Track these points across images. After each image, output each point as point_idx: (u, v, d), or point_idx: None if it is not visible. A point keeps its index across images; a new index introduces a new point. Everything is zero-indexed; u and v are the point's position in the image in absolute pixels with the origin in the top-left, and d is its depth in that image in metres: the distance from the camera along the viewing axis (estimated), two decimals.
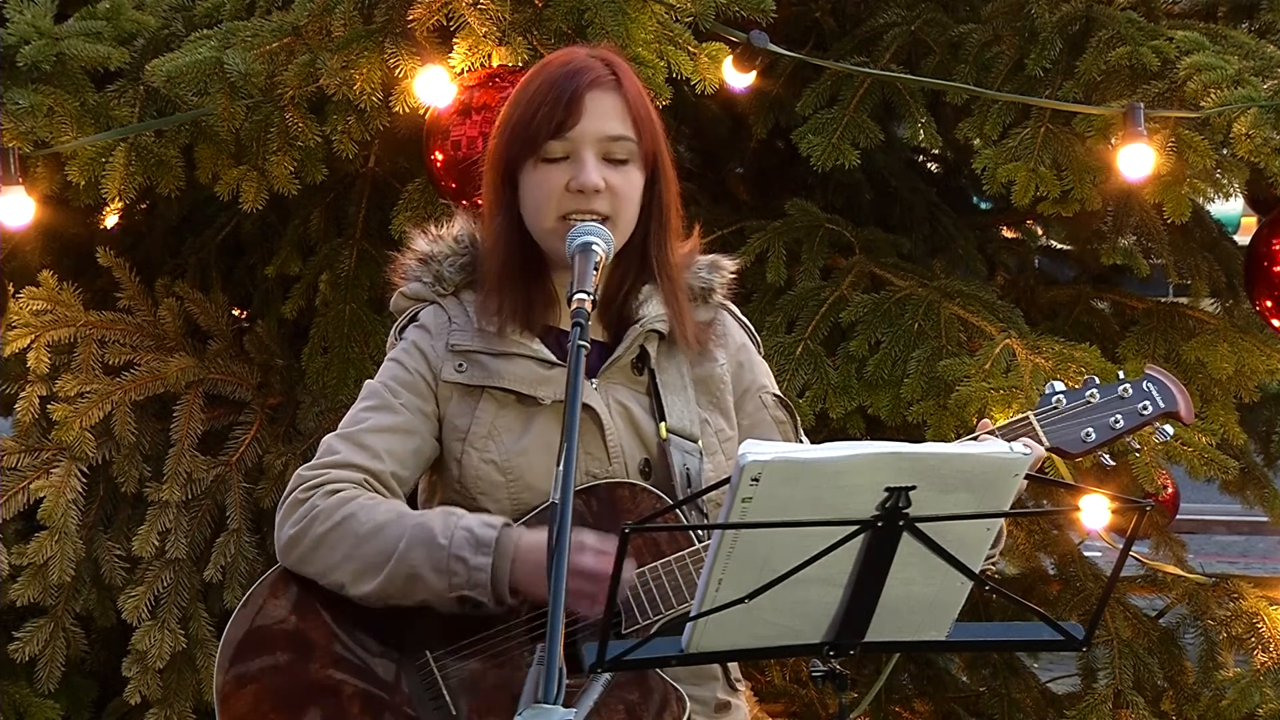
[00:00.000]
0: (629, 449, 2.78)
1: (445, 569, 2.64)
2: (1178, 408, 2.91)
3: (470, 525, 2.66)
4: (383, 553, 2.67)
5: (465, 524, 2.67)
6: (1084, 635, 2.36)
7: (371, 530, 2.69)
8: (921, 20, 4.57)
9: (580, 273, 2.57)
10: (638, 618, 2.68)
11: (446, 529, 2.66)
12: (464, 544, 2.64)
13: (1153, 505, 2.58)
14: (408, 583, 2.67)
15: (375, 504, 2.72)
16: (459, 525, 2.66)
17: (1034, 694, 4.94)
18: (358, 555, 2.69)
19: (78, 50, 3.99)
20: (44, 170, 4.01)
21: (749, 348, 2.95)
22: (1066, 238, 5.50)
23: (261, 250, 4.77)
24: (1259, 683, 4.41)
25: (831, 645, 2.33)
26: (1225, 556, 10.27)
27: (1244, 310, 4.82)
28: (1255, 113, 3.91)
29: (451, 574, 2.64)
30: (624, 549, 2.21)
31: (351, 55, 3.78)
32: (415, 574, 2.66)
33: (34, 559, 4.09)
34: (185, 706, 4.21)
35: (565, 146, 2.74)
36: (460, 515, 2.69)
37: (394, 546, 2.67)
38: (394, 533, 2.68)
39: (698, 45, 3.81)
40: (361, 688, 2.71)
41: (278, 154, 3.94)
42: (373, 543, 2.68)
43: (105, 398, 4.19)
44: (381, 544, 2.68)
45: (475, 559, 2.63)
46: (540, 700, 2.17)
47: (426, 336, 2.83)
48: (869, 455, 2.18)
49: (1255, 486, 5.12)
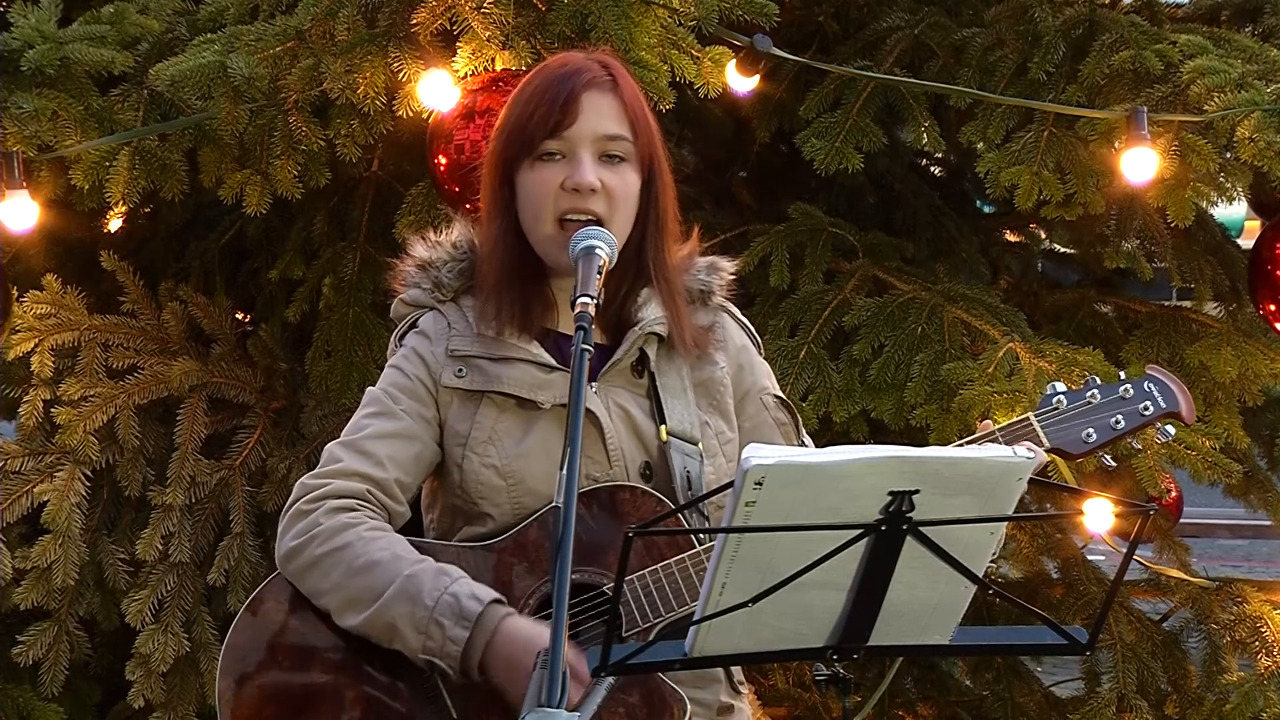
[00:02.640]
0: (629, 452, 2.78)
1: (424, 630, 2.62)
2: (1179, 408, 2.90)
3: (458, 593, 2.63)
4: (370, 591, 2.66)
5: (454, 590, 2.64)
6: (1087, 639, 2.35)
7: (364, 566, 2.67)
8: (925, 24, 4.58)
9: (584, 277, 2.57)
10: (638, 620, 2.68)
11: (435, 589, 2.64)
12: (447, 610, 2.62)
13: (1156, 509, 2.58)
14: (386, 630, 2.66)
15: (374, 538, 2.70)
16: (447, 590, 2.64)
17: (1037, 698, 4.94)
18: (348, 587, 2.68)
19: (82, 54, 3.99)
20: (48, 174, 4.01)
21: (749, 350, 2.95)
22: (1070, 241, 5.50)
23: (265, 254, 4.77)
24: (1263, 687, 4.40)
25: (835, 649, 2.33)
26: (1229, 560, 10.27)
27: (1247, 314, 4.81)
28: (1259, 116, 3.91)
29: (427, 636, 2.62)
30: (628, 553, 2.21)
31: (355, 59, 3.78)
32: (394, 626, 2.65)
33: (38, 563, 4.08)
34: (189, 710, 4.21)
35: (561, 146, 2.74)
36: (452, 579, 2.66)
37: (381, 590, 2.65)
38: (385, 576, 2.66)
39: (701, 49, 3.81)
40: (362, 691, 2.71)
41: (281, 158, 3.94)
42: (362, 579, 2.67)
43: (109, 401, 4.19)
44: (370, 583, 2.66)
45: (453, 629, 2.61)
46: (544, 704, 2.17)
47: (426, 342, 2.83)
48: (872, 459, 2.18)
49: (1259, 490, 5.12)
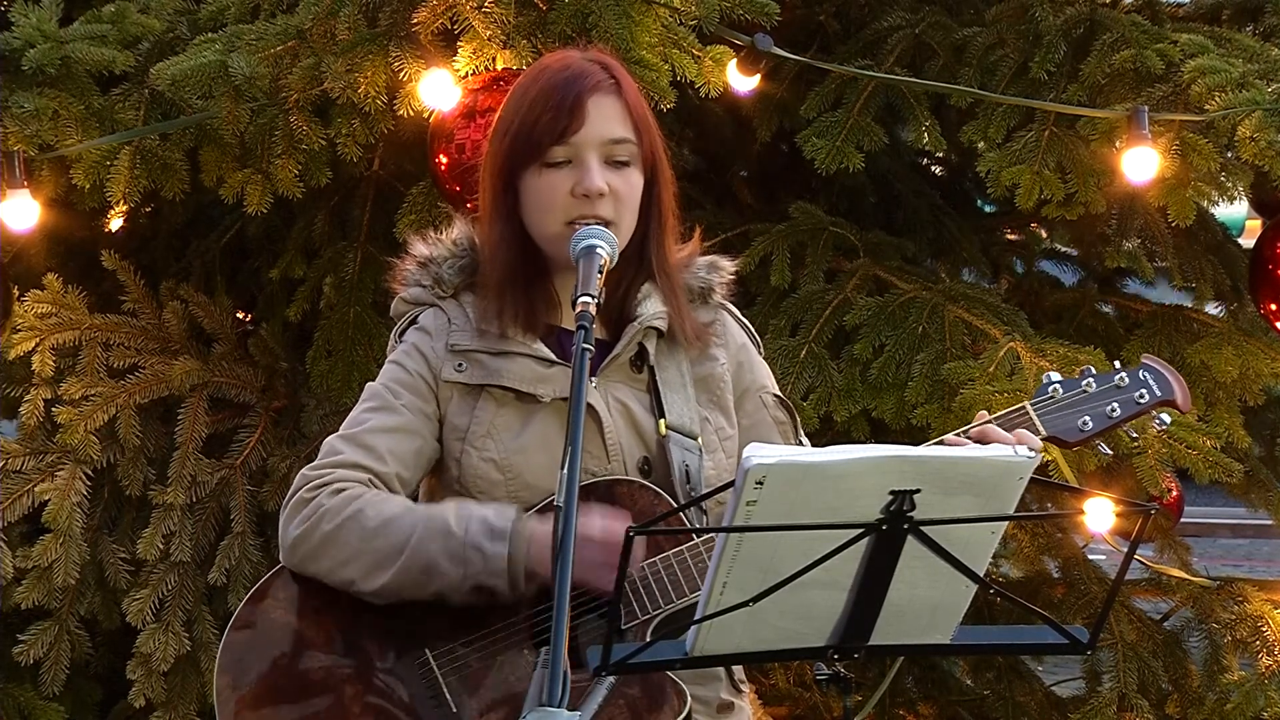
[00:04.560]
0: (628, 446, 2.78)
1: (462, 558, 2.65)
2: (1174, 396, 2.90)
3: (485, 515, 2.68)
4: (395, 545, 2.67)
5: (479, 514, 2.68)
6: (1088, 639, 2.36)
7: (381, 525, 2.69)
8: (926, 23, 4.58)
9: (585, 276, 2.58)
10: (637, 612, 2.69)
11: (461, 519, 2.67)
12: (480, 533, 2.65)
13: (1157, 508, 2.59)
14: (423, 574, 2.67)
15: (383, 499, 2.72)
16: (473, 515, 2.68)
17: (1038, 697, 4.94)
18: (369, 549, 2.69)
19: (83, 54, 3.99)
20: (49, 173, 4.01)
21: (749, 348, 2.95)
22: (1071, 241, 5.49)
23: (266, 253, 4.77)
24: (1264, 686, 4.40)
25: (836, 648, 2.33)
26: (1230, 560, 10.25)
27: (1248, 314, 4.81)
28: (1260, 116, 3.91)
29: (468, 563, 2.65)
30: (628, 551, 2.21)
31: (356, 59, 3.78)
32: (431, 564, 2.66)
33: (39, 562, 4.09)
34: (189, 709, 4.21)
35: (568, 151, 2.74)
36: (472, 506, 2.70)
37: (406, 539, 2.67)
38: (405, 526, 2.68)
39: (702, 48, 3.81)
40: (361, 688, 2.71)
41: (282, 157, 3.94)
42: (384, 536, 2.68)
43: (110, 401, 4.19)
44: (393, 537, 2.68)
45: (492, 547, 2.64)
46: (545, 703, 2.17)
47: (426, 338, 2.83)
48: (873, 459, 2.18)
49: (1260, 490, 5.12)
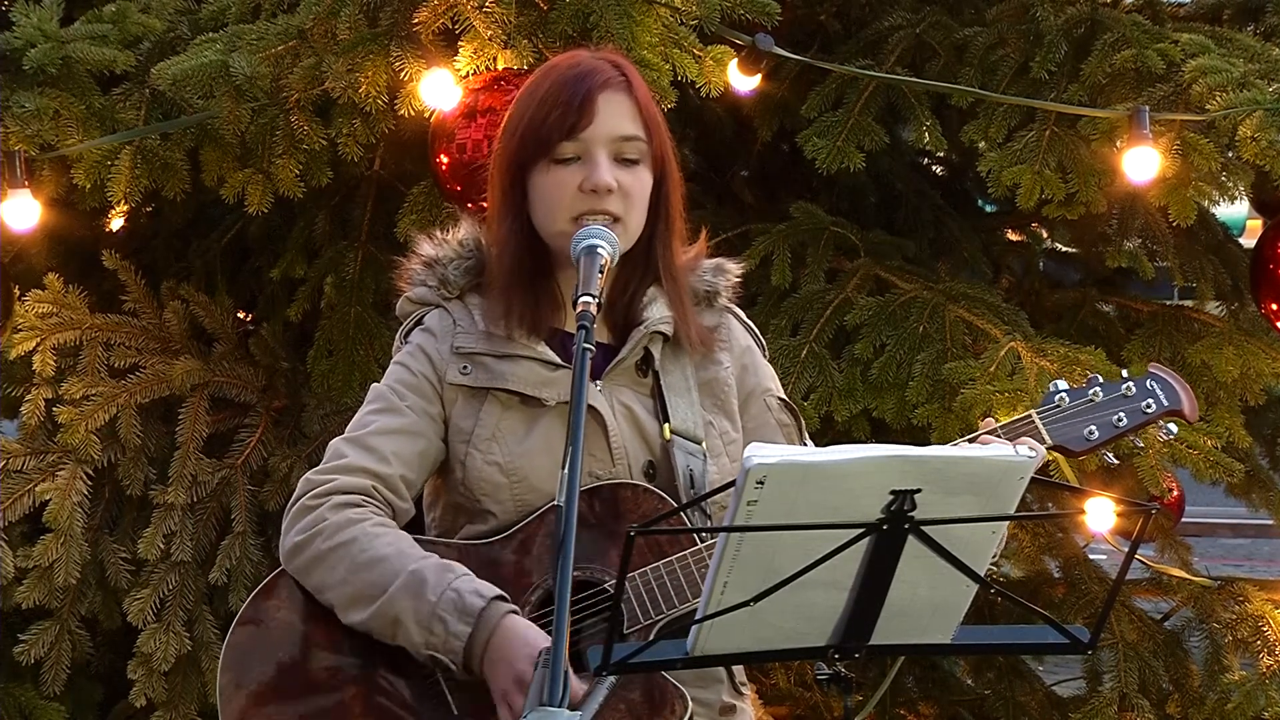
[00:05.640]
0: (632, 450, 2.78)
1: (427, 625, 2.62)
2: (1181, 405, 2.89)
3: (461, 589, 2.63)
4: (376, 587, 2.66)
5: (456, 585, 2.63)
6: (1089, 638, 2.36)
7: (368, 562, 2.67)
8: (926, 23, 4.57)
9: (585, 276, 2.57)
10: (640, 618, 2.68)
11: (439, 585, 2.63)
12: (450, 606, 2.61)
13: (1158, 508, 2.58)
14: (390, 625, 2.65)
15: (379, 533, 2.70)
16: (450, 585, 2.63)
17: (1039, 697, 4.94)
18: (352, 583, 2.68)
19: (83, 53, 3.99)
20: (50, 173, 4.01)
21: (754, 351, 2.94)
22: (1071, 241, 5.49)
23: (267, 253, 4.77)
24: (1264, 686, 4.39)
25: (836, 648, 2.33)
26: (1230, 559, 10.27)
27: (1249, 313, 4.81)
28: (1260, 115, 3.91)
29: (430, 632, 2.62)
30: (630, 551, 2.21)
31: (357, 58, 3.78)
32: (399, 619, 2.64)
33: (39, 561, 4.09)
34: (190, 709, 4.21)
35: (577, 148, 2.73)
36: (456, 574, 2.66)
37: (386, 586, 2.65)
38: (390, 570, 2.66)
39: (702, 48, 3.81)
40: (363, 688, 2.71)
41: (283, 157, 3.94)
42: (367, 575, 2.67)
43: (110, 400, 4.19)
44: (375, 579, 2.66)
45: (456, 625, 2.61)
46: (546, 703, 2.17)
47: (431, 340, 2.82)
48: (874, 458, 2.18)
49: (1261, 489, 5.12)
